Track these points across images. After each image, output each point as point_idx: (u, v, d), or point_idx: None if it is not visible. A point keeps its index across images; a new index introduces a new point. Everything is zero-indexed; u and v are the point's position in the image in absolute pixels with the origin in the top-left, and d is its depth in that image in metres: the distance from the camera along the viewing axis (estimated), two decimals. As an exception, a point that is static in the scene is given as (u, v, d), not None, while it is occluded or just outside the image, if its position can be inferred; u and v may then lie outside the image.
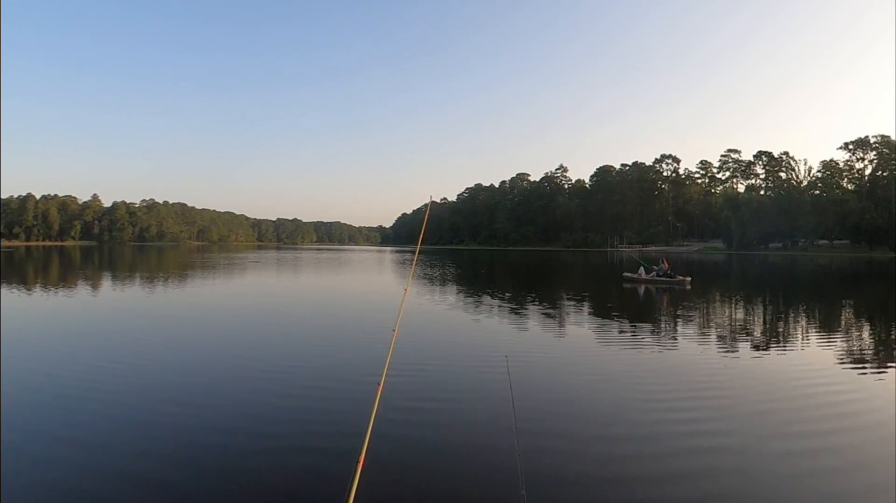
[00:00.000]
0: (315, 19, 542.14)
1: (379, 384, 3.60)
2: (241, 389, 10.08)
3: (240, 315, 21.25)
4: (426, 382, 10.51)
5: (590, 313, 22.53)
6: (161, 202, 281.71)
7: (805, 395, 10.03)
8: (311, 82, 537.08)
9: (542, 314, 21.40)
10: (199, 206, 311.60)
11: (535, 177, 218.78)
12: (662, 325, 18.95)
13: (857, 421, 8.52)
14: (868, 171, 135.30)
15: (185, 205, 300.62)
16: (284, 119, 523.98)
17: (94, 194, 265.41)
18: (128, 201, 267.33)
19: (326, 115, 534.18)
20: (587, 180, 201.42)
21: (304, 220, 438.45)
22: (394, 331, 4.62)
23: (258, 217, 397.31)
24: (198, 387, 10.28)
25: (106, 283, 36.27)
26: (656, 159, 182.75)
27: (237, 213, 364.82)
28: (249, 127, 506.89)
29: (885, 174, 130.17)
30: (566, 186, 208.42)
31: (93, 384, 10.23)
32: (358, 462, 2.91)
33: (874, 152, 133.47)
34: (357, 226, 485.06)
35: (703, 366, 12.65)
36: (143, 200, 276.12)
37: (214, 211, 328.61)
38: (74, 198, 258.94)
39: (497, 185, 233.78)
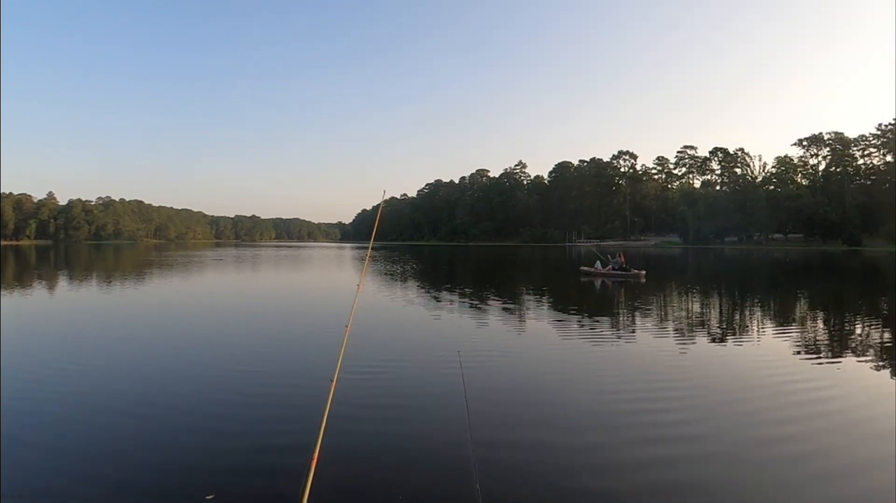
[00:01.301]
0: (272, 15, 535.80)
1: (332, 381, 3.50)
2: (194, 389, 9.69)
3: (194, 314, 20.47)
4: (379, 378, 10.32)
5: (546, 307, 22.27)
6: (117, 200, 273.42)
7: (766, 385, 9.96)
8: (268, 78, 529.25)
9: (498, 309, 20.97)
10: (155, 204, 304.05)
11: (495, 173, 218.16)
12: (619, 319, 18.79)
13: (819, 408, 8.52)
14: (822, 167, 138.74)
15: (141, 202, 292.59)
16: (242, 115, 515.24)
17: (50, 192, 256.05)
18: (84, 199, 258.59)
19: (284, 111, 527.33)
20: (546, 176, 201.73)
21: (262, 217, 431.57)
22: (346, 327, 4.40)
23: (216, 214, 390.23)
24: (151, 387, 9.79)
25: (62, 284, 34.61)
26: (614, 155, 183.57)
27: (195, 210, 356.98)
28: (207, 123, 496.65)
29: (838, 170, 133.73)
30: (525, 182, 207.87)
31: (46, 386, 9.70)
32: (312, 459, 2.87)
33: (828, 149, 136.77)
34: (316, 222, 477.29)
35: (660, 358, 12.49)
36: (100, 198, 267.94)
37: (171, 208, 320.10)
38: (29, 196, 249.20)
39: (457, 181, 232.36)
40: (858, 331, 16.87)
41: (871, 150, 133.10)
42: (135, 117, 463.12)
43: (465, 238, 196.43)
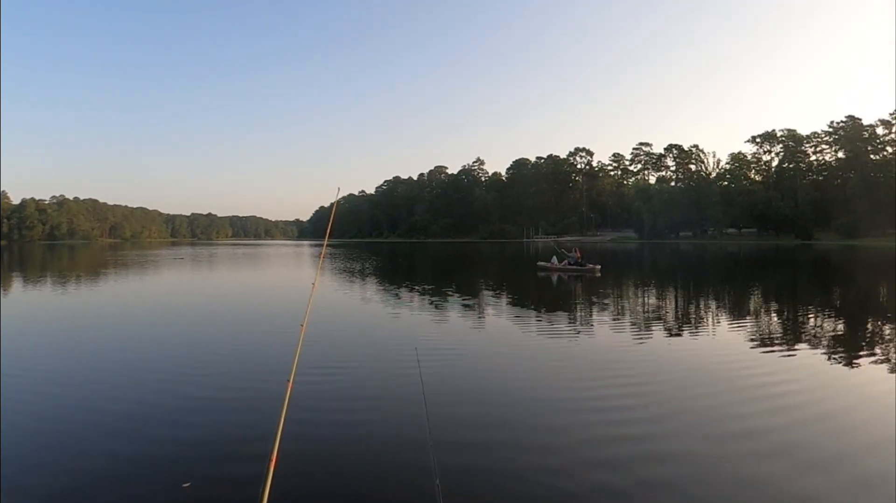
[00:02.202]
0: (227, 10, 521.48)
1: (288, 381, 3.47)
2: (146, 393, 9.12)
3: (147, 315, 19.64)
4: (337, 377, 10.00)
5: (503, 302, 22.37)
6: (71, 198, 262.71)
7: (726, 379, 9.78)
8: (223, 74, 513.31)
9: (455, 304, 20.80)
10: (110, 202, 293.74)
11: (453, 170, 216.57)
12: (576, 313, 18.81)
13: (780, 402, 8.36)
14: (775, 163, 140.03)
15: (96, 201, 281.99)
16: (198, 112, 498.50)
17: (2, 191, 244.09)
18: (37, 198, 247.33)
19: (241, 108, 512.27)
20: (504, 173, 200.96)
21: (219, 215, 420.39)
22: (302, 326, 4.35)
23: (171, 212, 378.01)
24: (101, 393, 9.24)
25: (16, 285, 33.19)
26: (570, 152, 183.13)
27: (150, 208, 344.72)
28: (161, 120, 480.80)
29: (790, 166, 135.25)
30: (483, 179, 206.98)
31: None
32: (270, 461, 2.84)
33: (781, 145, 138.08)
34: (274, 220, 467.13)
35: (618, 352, 12.41)
36: (54, 197, 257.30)
37: (126, 207, 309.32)
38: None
39: (416, 178, 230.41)
40: (812, 322, 17.10)
41: (824, 146, 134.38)
42: (87, 114, 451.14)
43: (425, 235, 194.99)
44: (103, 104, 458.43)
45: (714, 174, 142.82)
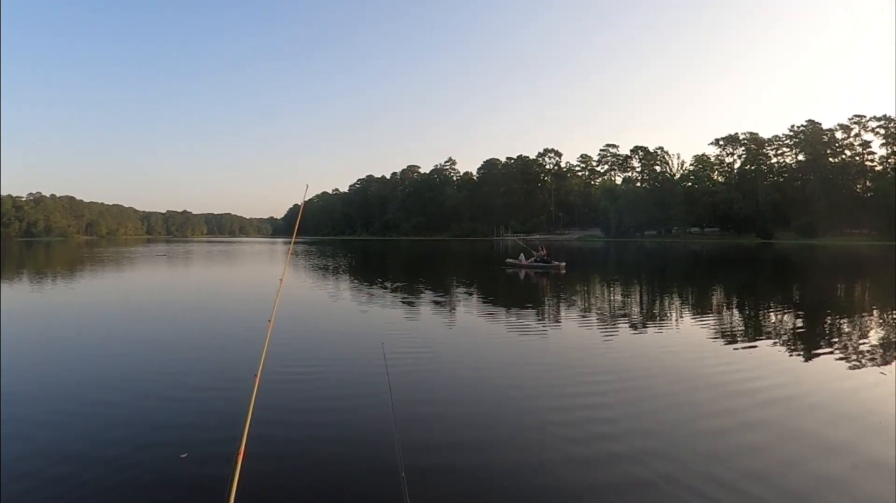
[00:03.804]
0: (202, 12, 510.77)
1: (256, 377, 3.45)
2: (114, 391, 8.76)
3: (118, 311, 18.91)
4: (304, 372, 9.80)
5: (472, 298, 22.20)
6: (48, 195, 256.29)
7: (694, 376, 9.53)
8: (198, 73, 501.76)
9: (424, 300, 20.64)
10: (86, 199, 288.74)
11: (425, 169, 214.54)
12: (543, 309, 18.70)
13: (756, 398, 8.18)
14: (737, 165, 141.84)
15: (73, 198, 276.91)
16: (172, 110, 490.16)
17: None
18: (14, 195, 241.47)
19: (216, 107, 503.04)
20: (475, 172, 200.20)
21: (194, 213, 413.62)
22: (269, 321, 4.29)
23: (147, 210, 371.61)
24: (65, 391, 8.91)
25: None
26: (539, 153, 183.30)
27: (126, 205, 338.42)
28: (137, 117, 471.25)
29: (752, 168, 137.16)
30: (455, 178, 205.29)
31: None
32: (238, 456, 2.83)
33: (743, 148, 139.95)
34: (248, 217, 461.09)
35: (584, 348, 12.17)
36: (31, 194, 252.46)
37: (103, 204, 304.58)
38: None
39: (388, 177, 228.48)
40: (775, 318, 17.14)
41: (784, 149, 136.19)
42: (65, 111, 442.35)
43: (397, 232, 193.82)
44: (80, 102, 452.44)
45: (678, 175, 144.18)
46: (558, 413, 7.55)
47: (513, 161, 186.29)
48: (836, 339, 13.25)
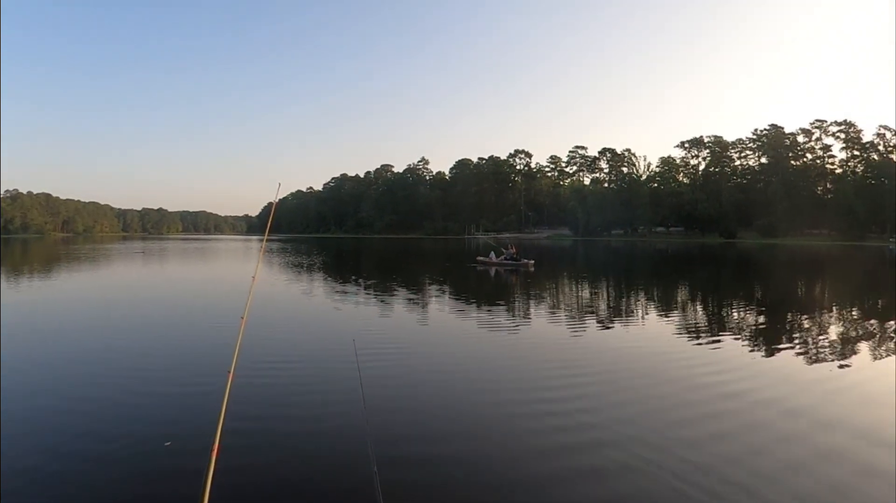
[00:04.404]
0: (177, 8, 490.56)
1: (229, 373, 3.40)
2: (91, 387, 8.67)
3: (92, 308, 18.73)
4: (277, 369, 9.76)
5: (442, 294, 22.31)
6: (25, 193, 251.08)
7: (663, 371, 9.58)
8: (173, 71, 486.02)
9: (396, 297, 20.71)
10: (63, 197, 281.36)
11: (399, 168, 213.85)
12: (514, 305, 18.85)
13: (724, 389, 8.28)
14: (702, 167, 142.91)
15: (49, 195, 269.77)
16: (148, 107, 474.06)
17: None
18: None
19: (190, 104, 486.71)
20: (447, 172, 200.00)
21: (169, 210, 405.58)
22: (242, 318, 4.15)
23: (123, 207, 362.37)
24: (39, 387, 8.72)
25: None
26: (510, 154, 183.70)
27: (102, 202, 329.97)
28: (113, 114, 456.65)
29: (716, 170, 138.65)
30: (427, 178, 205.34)
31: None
32: (212, 452, 2.81)
33: (707, 150, 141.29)
34: (223, 215, 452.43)
35: (553, 343, 12.23)
36: (7, 191, 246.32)
37: (79, 201, 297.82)
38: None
39: (362, 176, 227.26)
40: (736, 314, 17.45)
41: (748, 152, 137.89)
42: (40, 108, 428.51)
43: (370, 231, 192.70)
44: (55, 100, 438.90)
45: (645, 176, 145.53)
46: (527, 405, 7.62)
47: (484, 161, 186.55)
48: (796, 335, 13.61)
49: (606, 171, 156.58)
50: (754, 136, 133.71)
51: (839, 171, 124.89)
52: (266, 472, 5.56)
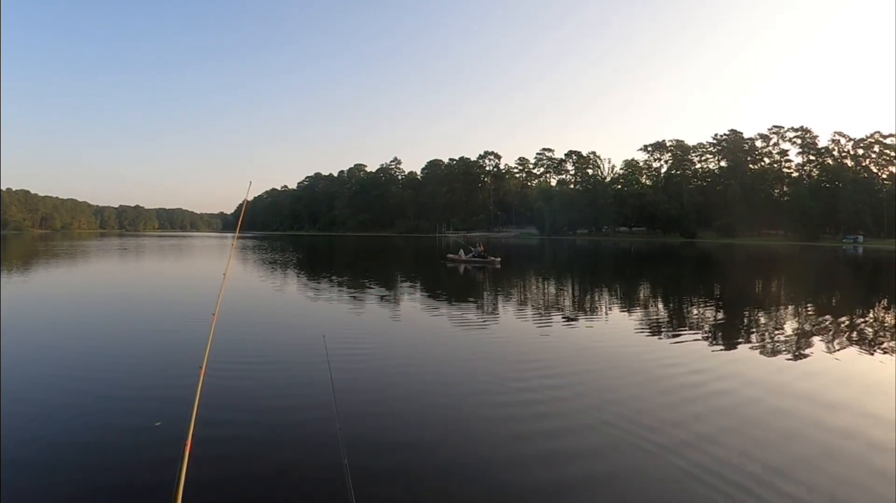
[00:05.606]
0: (154, 8, 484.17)
1: (201, 369, 3.43)
2: (64, 382, 8.40)
3: (67, 305, 17.77)
4: (248, 365, 9.58)
5: (413, 290, 22.22)
6: (4, 189, 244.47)
7: (636, 369, 9.45)
8: (149, 70, 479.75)
9: (367, 294, 20.23)
10: (41, 193, 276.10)
11: (372, 167, 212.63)
12: (481, 300, 18.88)
13: (701, 390, 8.11)
14: (664, 170, 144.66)
15: (28, 192, 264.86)
16: (126, 105, 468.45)
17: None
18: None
19: (167, 102, 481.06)
20: (419, 172, 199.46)
21: (146, 207, 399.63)
22: (213, 315, 4.21)
23: (100, 204, 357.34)
24: (13, 385, 8.25)
25: None
26: (480, 155, 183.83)
27: (79, 199, 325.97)
28: (92, 112, 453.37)
29: (677, 172, 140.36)
30: (400, 177, 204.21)
31: None
32: (185, 447, 2.80)
33: (669, 154, 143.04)
34: (199, 212, 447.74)
35: (516, 338, 12.15)
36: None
37: (57, 198, 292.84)
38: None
39: (336, 175, 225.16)
40: (696, 309, 17.55)
41: (708, 156, 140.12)
42: (18, 105, 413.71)
43: (344, 228, 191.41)
44: (33, 97, 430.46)
45: (609, 178, 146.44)
46: (496, 395, 7.66)
47: (455, 162, 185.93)
48: (753, 328, 13.88)
49: (572, 172, 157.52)
50: (714, 141, 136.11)
51: (795, 174, 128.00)
52: (238, 464, 5.53)
